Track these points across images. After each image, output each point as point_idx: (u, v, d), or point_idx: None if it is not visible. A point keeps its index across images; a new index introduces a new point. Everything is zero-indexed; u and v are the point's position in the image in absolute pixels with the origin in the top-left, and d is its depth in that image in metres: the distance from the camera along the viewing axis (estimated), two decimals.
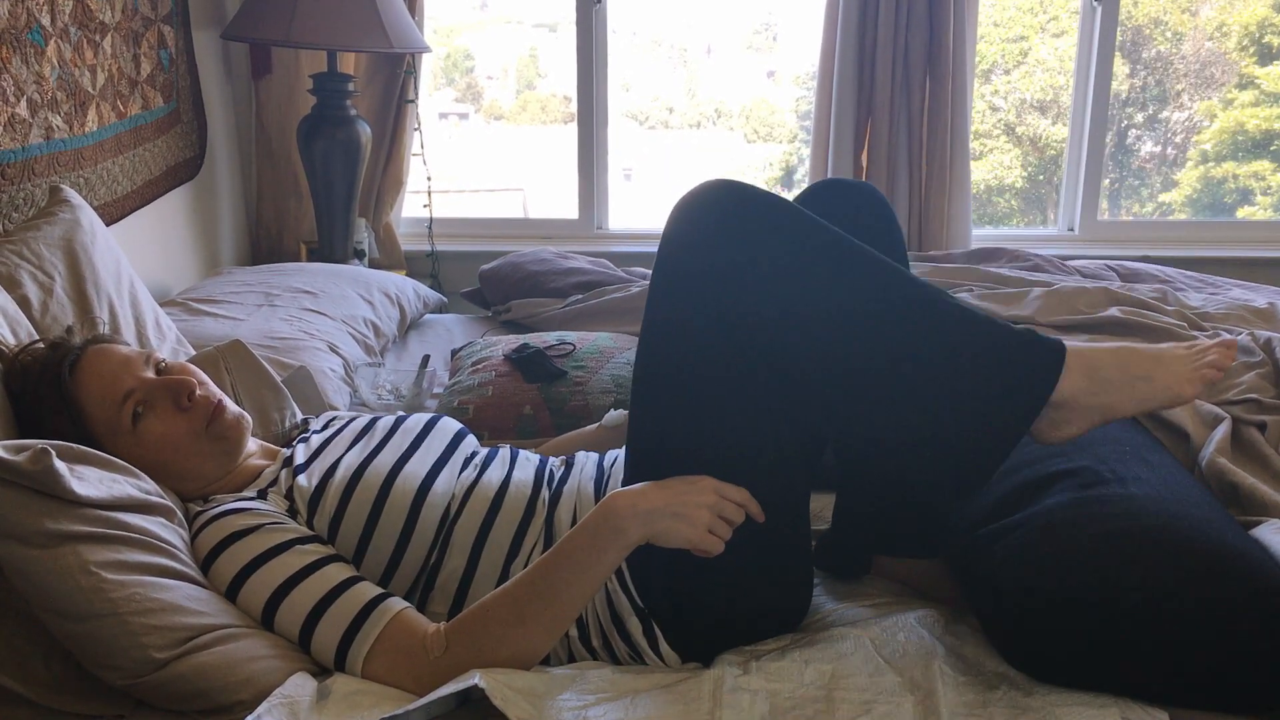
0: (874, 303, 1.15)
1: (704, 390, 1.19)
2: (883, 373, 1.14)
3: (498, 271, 2.54)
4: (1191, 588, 1.08)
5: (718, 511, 1.14)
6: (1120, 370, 1.15)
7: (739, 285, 1.16)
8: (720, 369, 1.18)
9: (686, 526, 1.13)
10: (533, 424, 1.78)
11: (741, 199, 1.17)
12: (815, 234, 1.17)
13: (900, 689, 1.11)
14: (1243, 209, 3.71)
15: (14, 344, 1.33)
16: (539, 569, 1.15)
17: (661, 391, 1.22)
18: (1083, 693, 1.10)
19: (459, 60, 4.35)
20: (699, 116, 4.56)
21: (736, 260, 1.15)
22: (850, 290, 1.15)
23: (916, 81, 2.98)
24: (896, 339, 1.14)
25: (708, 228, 1.17)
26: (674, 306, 1.20)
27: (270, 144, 3.01)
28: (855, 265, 1.16)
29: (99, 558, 1.08)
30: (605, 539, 1.13)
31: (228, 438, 1.31)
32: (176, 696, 1.09)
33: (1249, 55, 3.61)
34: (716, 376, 1.18)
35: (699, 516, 1.13)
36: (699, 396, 1.19)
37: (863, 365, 1.14)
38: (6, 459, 1.04)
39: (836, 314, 1.15)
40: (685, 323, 1.19)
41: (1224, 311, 1.95)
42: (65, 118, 1.95)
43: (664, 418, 1.22)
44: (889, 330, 1.14)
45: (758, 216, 1.16)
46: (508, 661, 1.12)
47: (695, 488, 1.15)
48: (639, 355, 1.24)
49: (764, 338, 1.16)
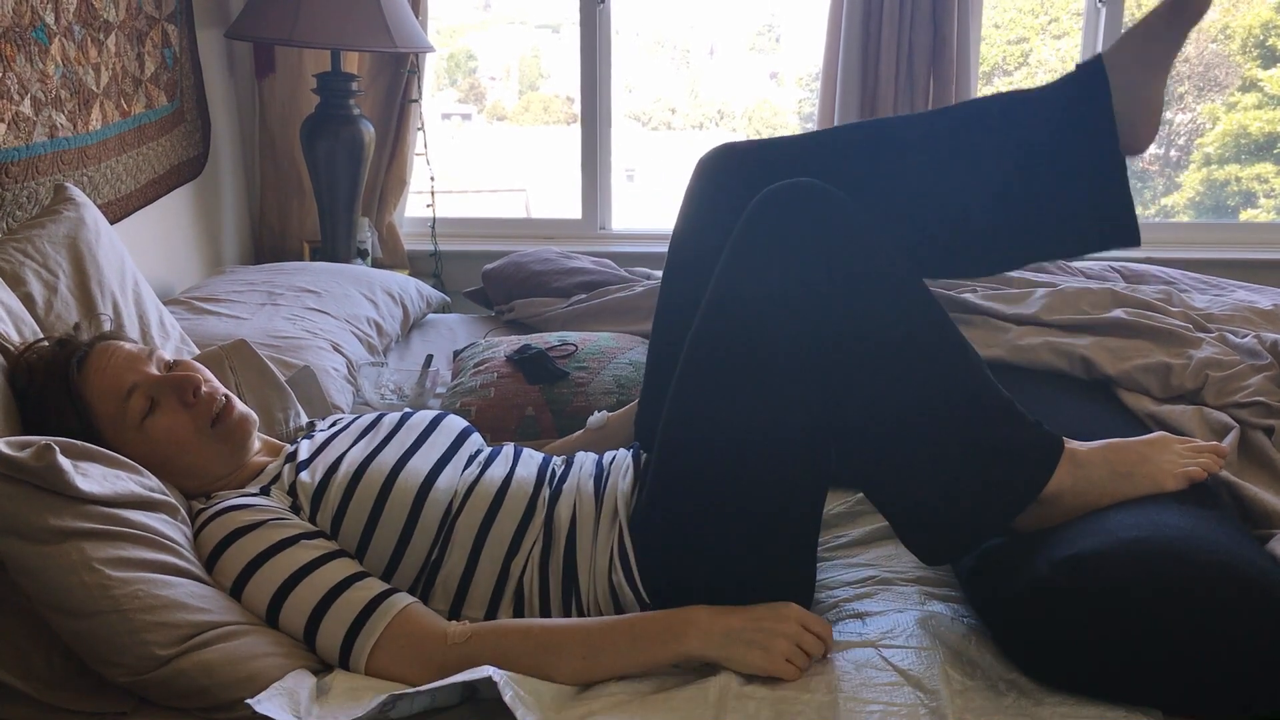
0: (927, 354, 1.18)
1: (754, 371, 1.18)
2: (906, 420, 1.17)
3: (501, 271, 2.54)
4: (1199, 594, 1.07)
5: (796, 641, 1.14)
6: (1105, 469, 1.21)
7: (808, 289, 1.16)
8: (770, 354, 1.18)
9: (761, 655, 1.13)
10: (534, 425, 1.78)
11: (830, 207, 1.18)
12: (891, 266, 1.19)
13: (906, 695, 1.10)
14: (1246, 212, 3.71)
15: (19, 342, 1.33)
16: (597, 626, 1.16)
17: (712, 369, 1.21)
18: (1093, 705, 1.09)
19: (462, 61, 4.35)
20: (702, 117, 4.56)
21: (813, 265, 1.16)
22: (906, 331, 1.18)
23: (920, 81, 2.97)
24: (936, 393, 1.18)
25: (803, 230, 1.17)
26: (744, 291, 1.19)
27: (274, 143, 3.01)
28: (918, 308, 1.19)
29: (102, 554, 1.07)
30: (670, 639, 1.14)
31: (234, 435, 1.31)
32: (179, 694, 1.09)
33: (1252, 58, 3.60)
34: (765, 360, 1.18)
35: (777, 646, 1.13)
36: (749, 379, 1.19)
37: (894, 401, 1.18)
38: (10, 455, 1.04)
39: (890, 346, 1.17)
40: (752, 307, 1.18)
41: (1229, 313, 1.94)
42: (69, 116, 1.94)
43: (711, 391, 1.21)
44: (934, 383, 1.18)
45: (844, 230, 1.18)
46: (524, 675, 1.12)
47: (779, 615, 1.16)
48: (695, 331, 1.22)
49: (817, 340, 1.17)
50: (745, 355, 1.18)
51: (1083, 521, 1.18)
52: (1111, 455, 1.22)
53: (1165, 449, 1.24)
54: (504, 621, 1.19)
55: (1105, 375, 1.72)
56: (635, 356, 1.91)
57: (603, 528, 1.28)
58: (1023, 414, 1.22)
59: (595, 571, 1.25)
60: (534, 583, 1.26)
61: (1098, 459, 1.21)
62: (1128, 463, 1.22)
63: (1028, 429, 1.20)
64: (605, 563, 1.25)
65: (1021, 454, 1.19)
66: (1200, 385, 1.65)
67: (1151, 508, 1.18)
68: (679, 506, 1.22)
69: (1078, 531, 1.16)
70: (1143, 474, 1.21)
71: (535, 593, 1.26)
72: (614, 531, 1.27)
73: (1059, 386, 1.71)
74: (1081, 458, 1.21)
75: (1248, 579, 1.07)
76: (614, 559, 1.25)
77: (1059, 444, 1.20)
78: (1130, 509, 1.18)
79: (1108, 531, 1.14)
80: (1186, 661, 1.07)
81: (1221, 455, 1.26)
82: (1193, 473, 1.22)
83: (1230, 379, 1.63)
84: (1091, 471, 1.20)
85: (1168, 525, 1.14)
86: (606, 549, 1.26)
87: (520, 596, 1.26)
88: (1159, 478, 1.21)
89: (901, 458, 1.19)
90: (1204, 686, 1.07)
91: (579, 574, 1.26)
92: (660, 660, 1.14)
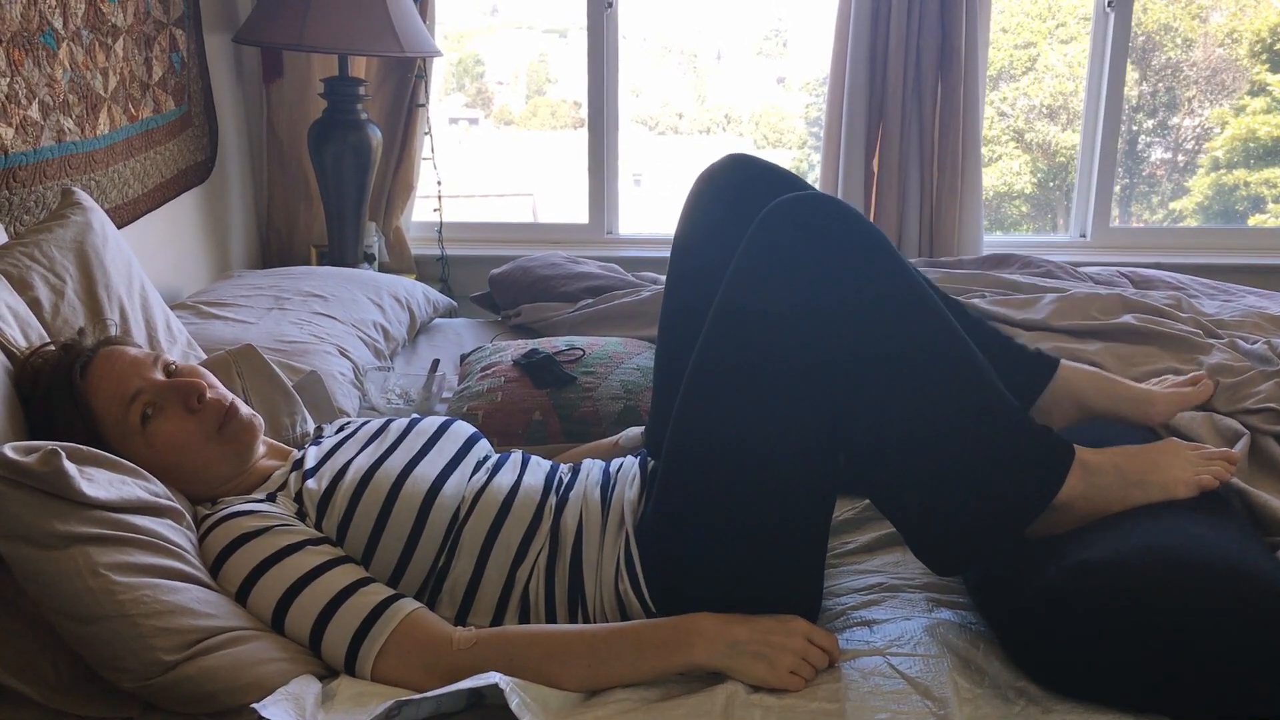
0: (935, 361, 1.17)
1: (760, 384, 1.18)
2: (916, 432, 1.16)
3: (508, 276, 2.54)
4: (1209, 601, 1.06)
5: (802, 655, 1.14)
6: (1117, 475, 1.20)
7: (819, 303, 1.16)
8: (777, 367, 1.17)
9: (766, 667, 1.13)
10: (542, 430, 1.78)
11: (846, 222, 1.18)
12: (903, 280, 1.18)
13: (914, 703, 1.09)
14: (1254, 217, 3.70)
15: (25, 346, 1.33)
16: (603, 634, 1.16)
17: (719, 379, 1.20)
18: (1102, 713, 1.08)
19: (469, 66, 4.35)
20: (709, 122, 4.56)
21: (825, 279, 1.16)
22: (918, 345, 1.17)
23: (928, 85, 2.97)
24: (948, 407, 1.16)
25: (799, 238, 1.17)
26: (754, 302, 1.18)
27: (281, 147, 3.01)
28: (930, 321, 1.18)
29: (108, 559, 1.07)
30: (676, 649, 1.14)
31: (240, 440, 1.31)
32: (185, 699, 1.09)
33: (1260, 62, 3.59)
34: (771, 373, 1.17)
35: (782, 660, 1.13)
36: (754, 390, 1.18)
37: (904, 413, 1.17)
38: (16, 460, 1.04)
39: (901, 361, 1.16)
40: (761, 319, 1.18)
41: (1239, 319, 1.94)
42: (77, 120, 1.95)
43: (716, 404, 1.20)
44: (945, 396, 1.17)
45: (857, 244, 1.17)
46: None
47: (785, 629, 1.15)
48: (703, 340, 1.22)
49: (827, 354, 1.16)
50: (752, 367, 1.17)
51: (1093, 528, 1.17)
52: (1123, 462, 1.22)
53: (1176, 455, 1.24)
54: (510, 628, 1.19)
55: None
56: (643, 361, 1.91)
57: (609, 536, 1.27)
58: (1033, 422, 1.21)
59: (602, 580, 1.25)
60: (540, 590, 1.26)
61: (1109, 465, 1.21)
62: (1139, 470, 1.21)
63: (1038, 436, 1.19)
64: (611, 571, 1.25)
65: (1033, 462, 1.18)
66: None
67: (1163, 514, 1.17)
68: (685, 518, 1.22)
69: (1088, 538, 1.15)
70: (1154, 481, 1.21)
71: (541, 600, 1.25)
72: (620, 540, 1.26)
73: None
74: (1092, 465, 1.20)
75: (1259, 586, 1.07)
76: (620, 568, 1.24)
77: (1070, 451, 1.20)
78: (1141, 515, 1.17)
79: (1118, 538, 1.13)
80: (1195, 669, 1.06)
81: (1232, 462, 1.25)
82: (1205, 481, 1.21)
83: (1240, 385, 1.63)
84: (1103, 478, 1.19)
85: (1178, 532, 1.13)
86: (613, 558, 1.25)
87: (526, 604, 1.26)
88: (1170, 485, 1.21)
89: (911, 469, 1.18)
90: (1213, 695, 1.07)
91: (585, 582, 1.25)
92: (666, 669, 1.14)
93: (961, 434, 1.17)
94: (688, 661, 1.14)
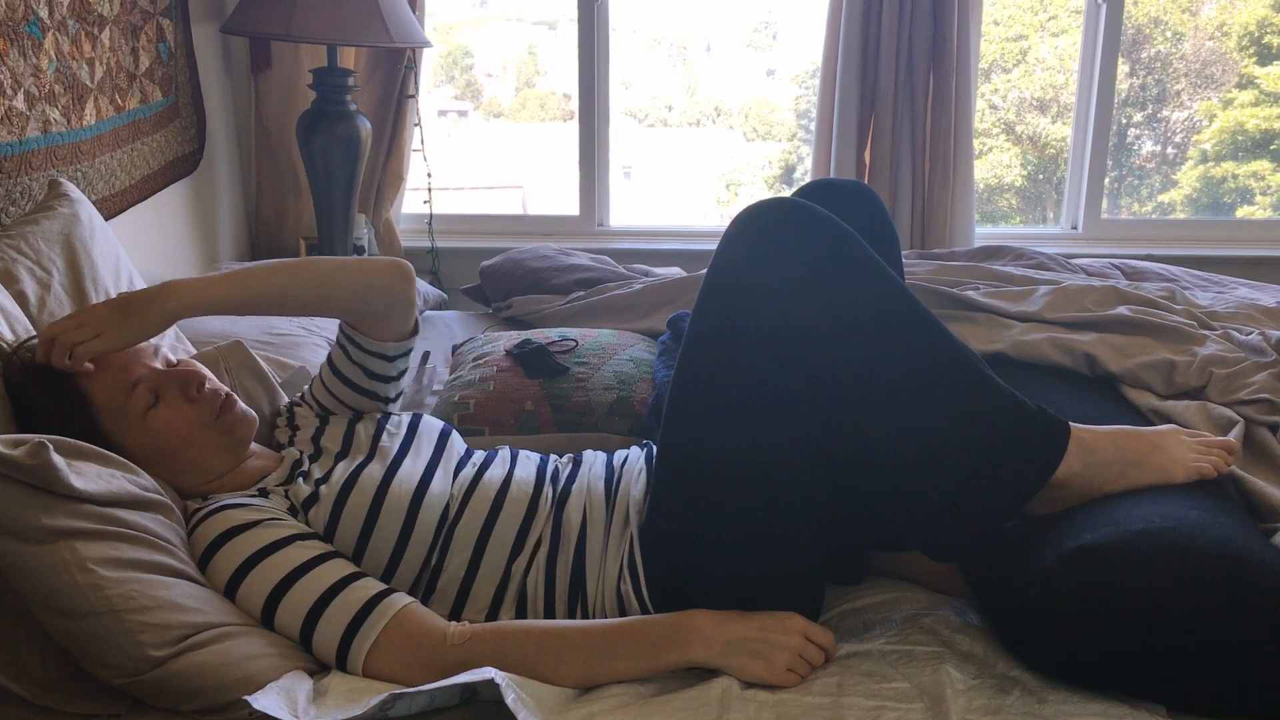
0: (917, 358, 1.16)
1: (742, 398, 1.18)
2: (906, 426, 1.16)
3: (499, 268, 2.52)
4: (1205, 587, 1.06)
5: (799, 652, 1.14)
6: (1115, 453, 1.20)
7: (788, 309, 1.15)
8: (758, 381, 1.17)
9: (763, 665, 1.13)
10: (534, 420, 1.77)
11: (804, 222, 1.17)
12: (877, 277, 1.17)
13: (908, 696, 1.09)
14: (1242, 209, 3.71)
15: (12, 340, 1.32)
16: (599, 630, 1.15)
17: (699, 397, 1.20)
18: (1096, 702, 1.08)
19: (458, 57, 4.33)
20: (698, 115, 4.55)
21: (788, 284, 1.15)
22: (894, 341, 1.16)
23: (920, 77, 2.96)
24: (931, 397, 1.16)
25: (765, 247, 1.16)
26: (721, 319, 1.19)
27: (270, 139, 2.99)
28: (903, 314, 1.17)
29: (96, 554, 1.06)
30: (673, 646, 1.13)
31: (235, 430, 1.30)
32: (173, 695, 1.08)
33: (1249, 55, 3.60)
34: (754, 387, 1.17)
35: (778, 658, 1.13)
36: (736, 404, 1.18)
37: (891, 412, 1.16)
38: (3, 453, 1.03)
39: (879, 361, 1.16)
40: (730, 334, 1.18)
41: (1232, 310, 1.94)
42: (63, 111, 1.93)
43: (700, 422, 1.21)
44: (927, 385, 1.16)
45: (818, 244, 1.16)
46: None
47: (782, 627, 1.15)
48: (680, 363, 1.23)
49: (803, 359, 1.16)
50: (734, 373, 1.18)
51: (1089, 512, 1.17)
52: (1123, 441, 1.21)
53: (1176, 440, 1.24)
54: (504, 623, 1.18)
55: (1109, 372, 1.71)
56: (637, 353, 1.90)
57: (614, 535, 1.27)
58: (1026, 403, 1.20)
59: (604, 578, 1.24)
60: (539, 584, 1.25)
61: (1107, 443, 1.20)
62: (1139, 450, 1.21)
63: (1033, 415, 1.19)
64: (615, 571, 1.24)
65: (1029, 441, 1.17)
66: (1205, 382, 1.64)
67: (1159, 499, 1.17)
68: (684, 522, 1.22)
69: (1084, 522, 1.15)
70: (1153, 463, 1.21)
71: (540, 594, 1.25)
72: (625, 540, 1.26)
73: (1062, 382, 1.70)
74: (1090, 443, 1.20)
75: (1255, 572, 1.07)
76: (623, 569, 1.24)
77: (1066, 429, 1.19)
78: (1137, 500, 1.17)
79: (1114, 523, 1.13)
80: (1191, 655, 1.06)
81: (1231, 451, 1.26)
82: (1203, 468, 1.22)
83: (1235, 376, 1.63)
84: (1101, 456, 1.19)
85: (1175, 517, 1.13)
86: (617, 558, 1.25)
87: (523, 597, 1.25)
88: (1169, 468, 1.21)
89: (906, 455, 1.18)
90: (1208, 681, 1.07)
91: (587, 579, 1.24)
92: (663, 666, 1.14)
93: (955, 419, 1.16)
94: (685, 659, 1.13)
